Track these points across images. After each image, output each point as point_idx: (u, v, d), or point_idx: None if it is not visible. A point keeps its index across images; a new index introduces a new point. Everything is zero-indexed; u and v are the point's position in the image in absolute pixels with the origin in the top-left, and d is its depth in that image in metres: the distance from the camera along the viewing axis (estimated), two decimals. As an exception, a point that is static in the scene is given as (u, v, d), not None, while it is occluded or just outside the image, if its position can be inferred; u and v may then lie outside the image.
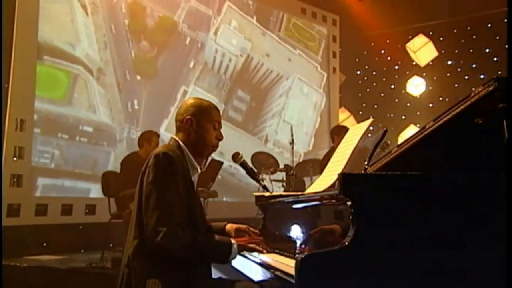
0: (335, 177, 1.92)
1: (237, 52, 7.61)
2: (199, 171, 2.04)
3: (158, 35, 6.73)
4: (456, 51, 9.05)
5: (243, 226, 2.14)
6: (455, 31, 9.04)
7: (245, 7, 7.84)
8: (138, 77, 6.44)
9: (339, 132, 5.17)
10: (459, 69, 9.00)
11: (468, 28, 8.91)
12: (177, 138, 2.00)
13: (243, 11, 7.80)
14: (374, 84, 9.72)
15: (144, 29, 6.59)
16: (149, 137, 4.85)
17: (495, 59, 8.43)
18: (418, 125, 8.50)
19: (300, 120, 8.19)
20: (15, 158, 5.17)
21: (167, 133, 6.14)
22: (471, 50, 8.81)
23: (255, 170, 3.02)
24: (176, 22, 6.92)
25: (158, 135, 4.91)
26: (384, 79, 9.69)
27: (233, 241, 1.87)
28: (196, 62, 7.09)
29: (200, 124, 1.99)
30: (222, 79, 7.36)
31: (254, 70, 7.81)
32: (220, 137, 2.05)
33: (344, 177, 1.59)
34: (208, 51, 7.23)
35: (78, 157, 5.75)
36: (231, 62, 7.51)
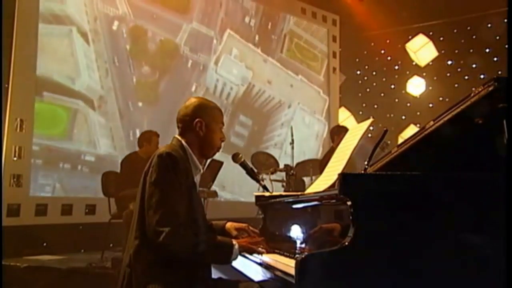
0: (335, 177, 1.92)
1: (238, 82, 7.58)
2: (201, 171, 2.05)
3: (160, 59, 6.66)
4: (456, 51, 9.04)
5: (243, 225, 2.16)
6: (455, 31, 9.03)
7: (247, 29, 7.78)
8: (140, 104, 6.38)
9: (339, 132, 5.17)
10: (459, 69, 8.99)
11: (468, 28, 8.90)
12: (180, 138, 2.00)
13: (244, 33, 7.72)
14: (374, 84, 9.71)
15: (146, 54, 6.53)
16: (149, 137, 4.85)
17: (495, 59, 8.42)
18: (418, 125, 8.48)
19: (301, 151, 7.95)
20: (15, 158, 5.17)
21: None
22: (471, 50, 8.79)
23: (255, 170, 3.02)
24: (177, 45, 6.86)
25: (158, 135, 4.89)
26: (384, 79, 9.68)
27: (234, 241, 1.87)
28: (198, 86, 7.05)
29: (209, 126, 2.00)
30: (224, 104, 7.31)
31: (256, 96, 7.80)
32: (223, 139, 2.07)
33: (344, 177, 1.59)
34: (209, 77, 7.19)
35: (79, 189, 5.68)
36: (232, 90, 7.50)
